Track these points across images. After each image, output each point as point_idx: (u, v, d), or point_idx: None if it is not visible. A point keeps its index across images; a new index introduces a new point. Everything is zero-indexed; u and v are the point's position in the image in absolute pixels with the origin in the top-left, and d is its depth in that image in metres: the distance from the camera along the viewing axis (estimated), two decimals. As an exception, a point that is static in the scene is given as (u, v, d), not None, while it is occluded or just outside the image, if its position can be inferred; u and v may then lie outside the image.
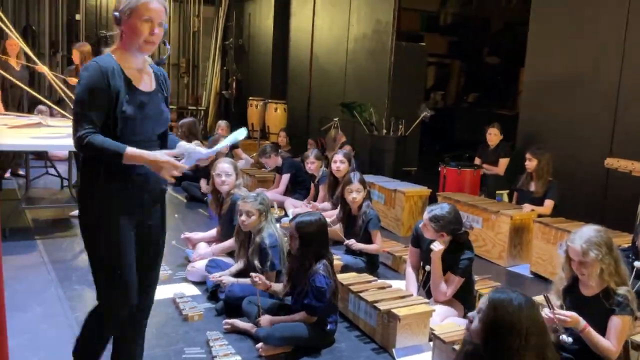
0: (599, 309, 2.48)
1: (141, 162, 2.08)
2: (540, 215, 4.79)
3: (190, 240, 4.32)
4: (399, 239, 5.23)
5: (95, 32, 11.42)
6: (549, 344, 1.89)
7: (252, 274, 3.14)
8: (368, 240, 4.13)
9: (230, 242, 3.98)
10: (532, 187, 5.06)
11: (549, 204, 4.92)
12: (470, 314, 1.96)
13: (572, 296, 2.61)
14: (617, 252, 2.52)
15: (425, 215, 3.31)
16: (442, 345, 2.76)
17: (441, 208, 3.29)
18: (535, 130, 5.95)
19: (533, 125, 6.03)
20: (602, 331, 2.49)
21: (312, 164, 5.74)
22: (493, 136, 6.22)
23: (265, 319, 3.04)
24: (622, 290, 2.47)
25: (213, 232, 4.38)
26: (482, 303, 1.92)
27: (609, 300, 2.46)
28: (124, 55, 2.18)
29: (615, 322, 2.45)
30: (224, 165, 4.11)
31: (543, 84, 5.96)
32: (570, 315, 2.43)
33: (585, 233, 2.50)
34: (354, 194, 4.16)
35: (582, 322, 2.45)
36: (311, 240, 3.02)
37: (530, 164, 5.00)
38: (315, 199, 5.81)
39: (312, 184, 5.95)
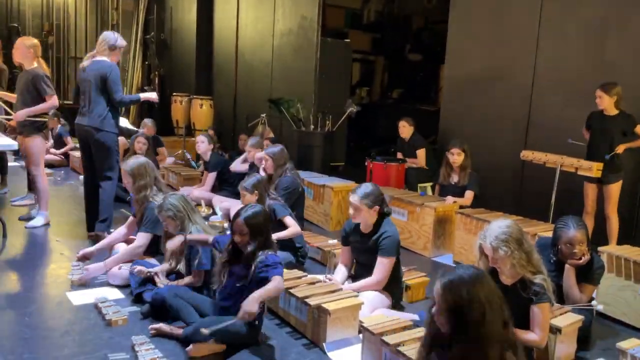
0: (517, 298, 2.60)
1: None
2: (462, 206, 4.97)
3: (86, 255, 3.93)
4: (328, 233, 5.27)
5: (6, 25, 10.78)
6: (505, 305, 1.94)
7: (136, 268, 3.12)
8: (282, 229, 4.12)
9: (131, 248, 3.81)
10: (454, 179, 5.24)
11: (469, 195, 5.11)
12: (433, 310, 1.95)
13: None
14: (527, 244, 2.64)
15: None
16: (371, 337, 2.80)
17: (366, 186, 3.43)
18: (455, 125, 6.18)
19: (453, 121, 6.25)
20: (521, 318, 2.61)
21: (249, 152, 5.77)
22: (402, 128, 6.40)
23: (247, 305, 2.70)
24: (538, 279, 2.59)
25: (116, 234, 4.15)
26: (435, 293, 1.94)
27: (525, 290, 2.58)
28: None
29: (536, 311, 2.58)
30: (123, 171, 3.98)
31: (462, 80, 6.19)
32: None
33: (494, 231, 2.61)
34: (243, 199, 4.15)
35: None
36: (261, 230, 2.95)
37: (459, 157, 5.16)
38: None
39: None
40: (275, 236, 4.03)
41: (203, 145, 6.27)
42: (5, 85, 6.05)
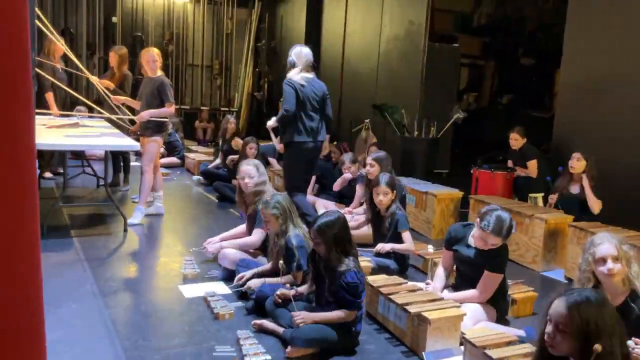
0: (630, 315, 2.41)
1: None
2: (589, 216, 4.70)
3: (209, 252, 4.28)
4: (430, 241, 5.18)
5: (131, 34, 11.65)
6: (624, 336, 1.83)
7: (277, 293, 3.18)
8: (397, 241, 4.11)
9: (248, 240, 4.04)
10: (574, 189, 4.95)
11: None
12: (546, 329, 1.83)
13: None
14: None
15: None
16: (473, 350, 2.72)
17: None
18: (571, 133, 5.83)
19: (569, 128, 5.90)
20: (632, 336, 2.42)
21: (348, 169, 5.76)
22: (514, 141, 6.10)
23: (302, 315, 2.97)
24: None
25: (238, 229, 4.41)
26: (553, 311, 1.81)
27: (636, 303, 2.40)
28: None
29: None
30: (246, 168, 4.14)
31: (580, 85, 5.83)
32: None
33: (610, 235, 2.51)
34: (380, 196, 4.16)
35: None
36: (337, 239, 2.99)
37: (579, 164, 4.87)
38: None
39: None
40: (389, 246, 4.06)
41: None
42: (129, 90, 6.55)
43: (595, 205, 4.78)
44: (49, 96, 6.53)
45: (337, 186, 5.98)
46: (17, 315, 1.29)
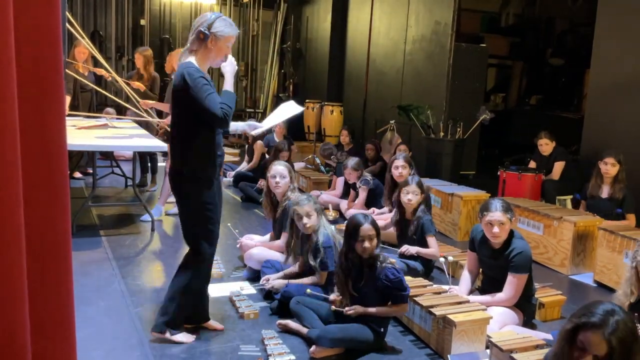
0: None
1: None
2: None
3: (243, 247, 4.29)
4: (456, 243, 5.14)
5: (159, 36, 11.82)
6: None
7: (331, 298, 3.18)
8: (422, 245, 4.08)
9: (277, 244, 4.05)
10: (604, 192, 4.85)
11: (630, 217, 4.73)
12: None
13: None
14: None
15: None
16: (499, 354, 2.69)
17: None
18: (601, 135, 5.72)
19: (599, 129, 5.79)
20: None
21: (349, 175, 5.73)
22: (544, 146, 5.96)
23: (355, 307, 2.99)
24: None
25: (268, 237, 4.41)
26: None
27: None
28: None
29: None
30: (279, 167, 4.13)
31: (610, 86, 5.72)
32: None
33: None
34: (410, 196, 4.12)
35: None
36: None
37: (613, 169, 4.77)
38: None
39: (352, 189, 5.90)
40: (415, 249, 4.04)
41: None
42: (157, 92, 6.64)
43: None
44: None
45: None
46: (49, 310, 1.32)
